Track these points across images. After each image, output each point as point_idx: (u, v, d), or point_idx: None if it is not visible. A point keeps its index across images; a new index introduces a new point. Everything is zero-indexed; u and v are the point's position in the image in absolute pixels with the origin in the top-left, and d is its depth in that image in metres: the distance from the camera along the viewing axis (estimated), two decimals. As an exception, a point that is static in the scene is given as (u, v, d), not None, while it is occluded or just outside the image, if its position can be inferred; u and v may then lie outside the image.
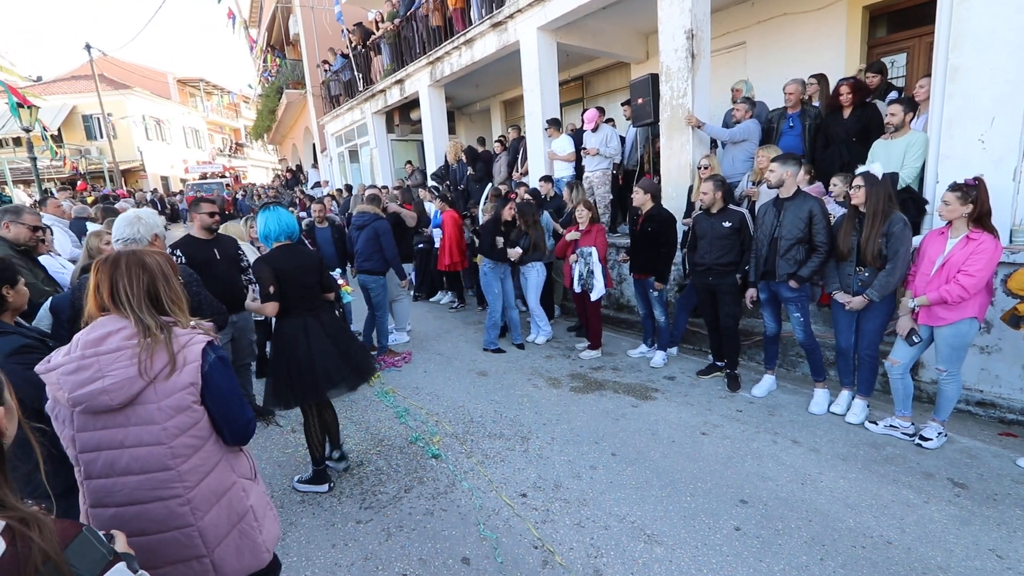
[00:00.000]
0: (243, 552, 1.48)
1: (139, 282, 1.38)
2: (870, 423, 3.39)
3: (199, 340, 1.42)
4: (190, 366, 1.37)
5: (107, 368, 1.30)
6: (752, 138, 5.00)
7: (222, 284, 3.36)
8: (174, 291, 1.45)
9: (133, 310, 1.36)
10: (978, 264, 2.81)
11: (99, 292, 1.38)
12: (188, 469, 1.38)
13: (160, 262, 1.45)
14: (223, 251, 3.59)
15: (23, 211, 3.10)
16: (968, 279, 2.82)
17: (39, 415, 1.38)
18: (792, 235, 3.51)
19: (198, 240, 3.52)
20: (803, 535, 2.45)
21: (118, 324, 1.35)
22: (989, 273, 2.84)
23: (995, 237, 2.86)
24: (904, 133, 3.81)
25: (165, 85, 32.04)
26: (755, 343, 4.60)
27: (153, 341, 1.34)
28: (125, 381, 1.30)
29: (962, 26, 3.36)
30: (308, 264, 2.94)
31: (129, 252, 1.43)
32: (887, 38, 6.44)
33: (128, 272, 1.38)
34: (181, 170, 29.82)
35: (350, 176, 14.62)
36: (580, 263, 4.84)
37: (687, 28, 4.97)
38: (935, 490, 2.74)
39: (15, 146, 22.78)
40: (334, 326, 3.03)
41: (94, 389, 1.28)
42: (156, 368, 1.33)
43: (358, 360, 3.04)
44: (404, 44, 10.22)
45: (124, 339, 1.33)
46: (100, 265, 1.39)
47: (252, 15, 22.52)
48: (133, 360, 1.31)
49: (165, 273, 1.44)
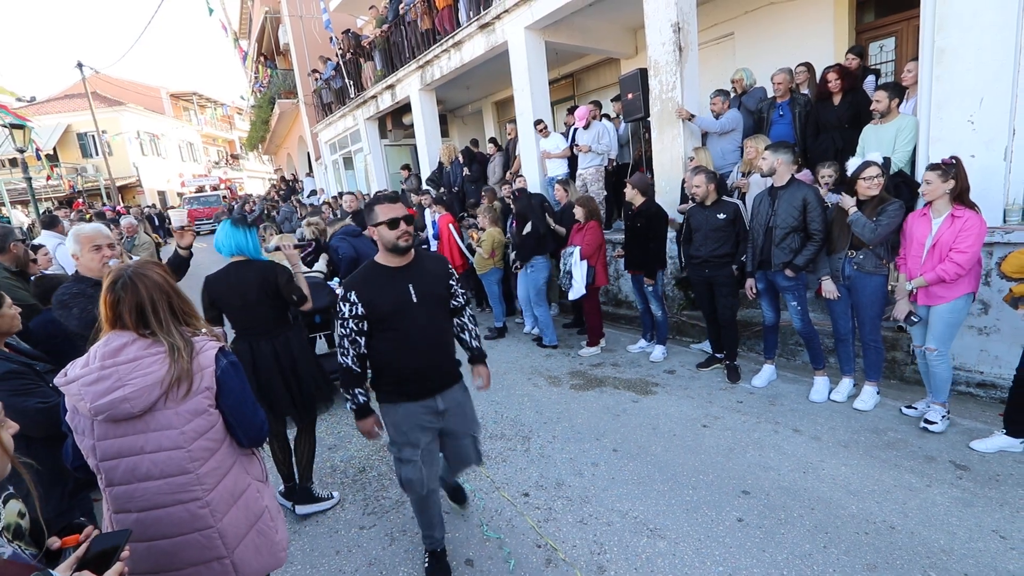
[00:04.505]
0: (261, 551, 1.53)
1: (163, 304, 1.43)
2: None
3: (211, 346, 1.47)
4: (205, 371, 1.42)
5: (126, 377, 1.34)
6: (738, 128, 5.00)
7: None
8: (185, 301, 1.51)
9: (162, 333, 1.40)
10: (968, 240, 2.84)
11: (120, 316, 1.40)
12: (206, 472, 1.42)
13: (163, 275, 1.49)
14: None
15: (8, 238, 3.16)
16: (961, 256, 2.85)
17: (27, 441, 1.39)
18: (787, 224, 3.51)
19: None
20: (806, 523, 2.45)
21: (132, 335, 1.40)
22: (979, 247, 2.88)
23: (977, 212, 2.89)
24: (893, 117, 3.81)
25: (158, 100, 32.12)
26: (754, 333, 4.60)
27: (179, 360, 1.38)
28: (144, 389, 1.34)
29: (946, 8, 3.36)
30: (250, 280, 2.65)
31: (138, 274, 1.43)
32: (875, 23, 6.44)
33: (150, 296, 1.41)
34: (177, 184, 29.87)
35: (345, 183, 14.63)
36: (562, 262, 4.83)
37: (673, 21, 4.97)
38: (937, 473, 2.74)
39: (11, 167, 22.83)
40: (289, 353, 2.76)
41: (115, 398, 1.33)
42: (181, 392, 1.38)
43: (308, 394, 2.80)
44: (393, 49, 10.23)
45: (141, 349, 1.38)
46: (118, 292, 1.40)
47: (242, 26, 22.54)
48: (152, 369, 1.36)
49: (173, 286, 1.49)
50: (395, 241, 2.00)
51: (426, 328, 2.08)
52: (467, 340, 2.38)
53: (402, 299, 2.03)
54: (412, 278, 2.06)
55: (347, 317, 2.03)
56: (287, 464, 2.97)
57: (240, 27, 22.22)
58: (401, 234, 2.00)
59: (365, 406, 2.15)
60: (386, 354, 2.08)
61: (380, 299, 2.01)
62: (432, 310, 2.11)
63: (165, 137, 30.59)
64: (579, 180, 6.42)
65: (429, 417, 2.16)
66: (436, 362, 2.16)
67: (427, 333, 2.09)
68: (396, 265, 2.07)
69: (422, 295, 2.06)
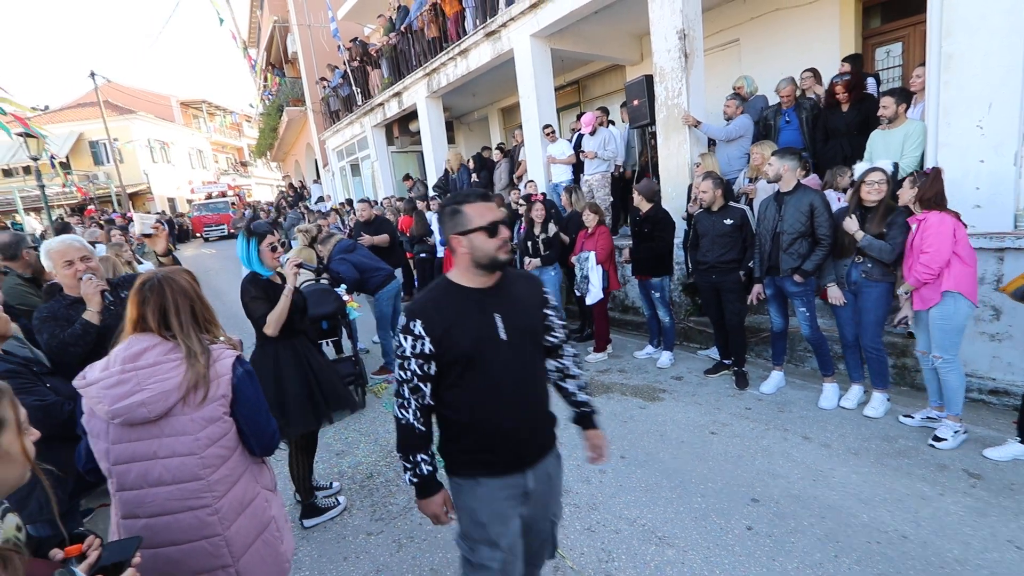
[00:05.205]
0: (266, 561, 1.53)
1: (186, 308, 1.46)
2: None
3: (228, 354, 1.49)
4: (222, 379, 1.44)
5: (145, 382, 1.36)
6: (747, 134, 5.00)
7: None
8: (207, 308, 1.54)
9: (182, 336, 1.43)
10: (929, 239, 2.89)
11: (143, 316, 1.44)
12: (217, 479, 1.43)
13: (191, 281, 1.53)
14: None
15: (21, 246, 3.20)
16: (925, 255, 2.91)
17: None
18: (794, 229, 3.50)
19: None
20: (816, 532, 2.43)
21: (153, 340, 1.43)
22: (944, 245, 2.85)
23: (943, 213, 2.91)
24: (902, 122, 3.80)
25: (168, 108, 32.52)
26: (762, 339, 4.57)
27: (195, 364, 1.40)
28: (162, 394, 1.36)
29: (953, 12, 3.36)
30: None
31: (167, 278, 1.48)
32: (881, 28, 6.43)
33: (175, 299, 1.45)
34: (187, 191, 30.17)
35: (352, 190, 14.74)
36: (577, 267, 4.84)
37: (679, 28, 4.99)
38: (950, 482, 2.71)
39: (25, 175, 23.18)
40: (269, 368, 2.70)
41: (133, 402, 1.35)
42: (198, 397, 1.40)
43: (293, 412, 2.70)
44: (400, 57, 10.33)
45: (161, 354, 1.40)
46: (145, 293, 1.45)
47: (251, 35, 22.86)
48: (171, 375, 1.38)
49: (198, 293, 1.53)
50: (494, 254, 1.47)
51: (519, 374, 1.55)
52: (570, 391, 1.75)
53: (487, 334, 1.50)
54: (500, 305, 1.53)
55: (409, 355, 1.48)
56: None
57: (249, 36, 22.54)
58: (502, 244, 1.48)
59: (430, 479, 1.56)
60: (463, 409, 1.53)
61: (458, 333, 1.47)
62: (526, 349, 1.57)
63: (175, 145, 30.96)
64: (585, 186, 6.43)
65: (513, 501, 1.57)
66: (532, 422, 1.60)
67: (521, 381, 1.55)
68: (480, 286, 1.53)
69: (513, 329, 1.52)
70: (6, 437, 0.91)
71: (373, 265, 4.92)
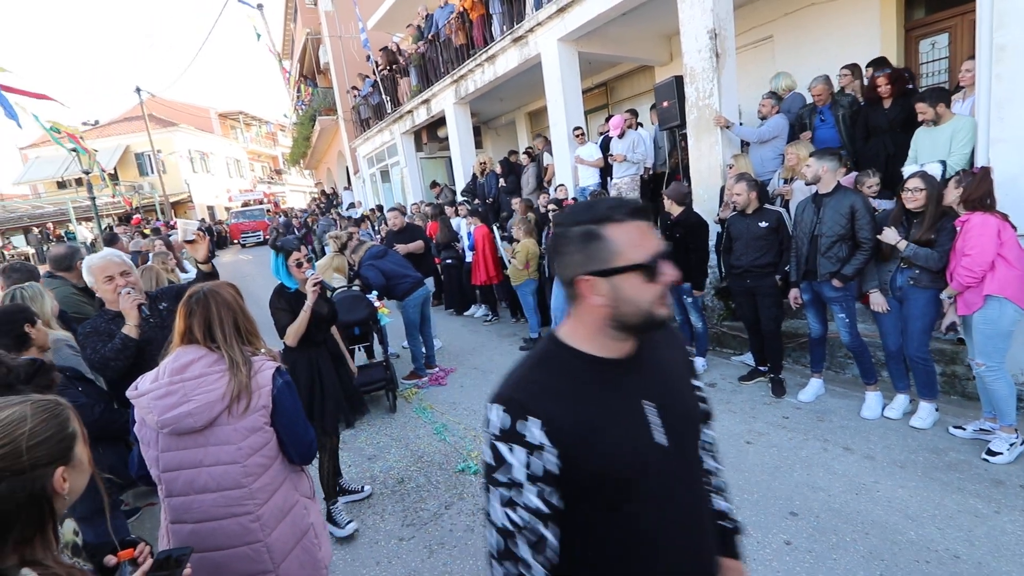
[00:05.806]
0: (305, 567, 1.58)
1: (229, 321, 1.53)
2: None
3: (269, 366, 1.55)
4: (263, 390, 1.50)
5: (191, 393, 1.43)
6: (781, 135, 4.86)
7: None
8: (249, 321, 1.60)
9: (225, 347, 1.50)
10: (971, 241, 2.78)
11: (190, 328, 1.52)
12: (259, 487, 1.48)
13: (234, 295, 1.60)
14: None
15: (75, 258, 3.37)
16: (967, 258, 2.79)
17: None
18: (833, 232, 3.38)
19: None
20: (859, 549, 2.33)
21: (199, 352, 1.49)
22: (987, 247, 2.73)
23: (987, 214, 2.78)
24: (948, 119, 3.62)
25: (208, 120, 33.86)
26: (799, 345, 4.43)
27: (238, 375, 1.46)
28: (207, 405, 1.42)
29: (1005, 2, 3.18)
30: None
31: (212, 291, 1.56)
32: (925, 19, 6.14)
33: (219, 312, 1.53)
34: (225, 199, 31.37)
35: (382, 196, 15.01)
36: None
37: (709, 28, 4.89)
38: (1006, 498, 2.55)
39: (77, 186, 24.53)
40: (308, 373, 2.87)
41: (180, 412, 1.41)
42: (241, 407, 1.46)
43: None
44: (429, 65, 10.48)
45: (206, 366, 1.47)
46: (191, 306, 1.53)
47: (285, 48, 23.61)
48: (215, 386, 1.44)
49: (241, 306, 1.60)
50: (651, 309, 0.86)
51: (690, 504, 0.95)
52: (719, 508, 1.13)
53: (642, 438, 0.88)
54: (649, 387, 0.92)
55: (521, 481, 0.83)
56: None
57: (283, 48, 23.28)
58: (663, 292, 0.87)
59: None
60: (611, 564, 0.89)
61: (603, 438, 0.85)
62: (691, 458, 0.99)
63: (214, 155, 32.20)
64: (614, 189, 6.37)
65: None
66: (706, 568, 0.98)
67: (693, 515, 0.96)
68: (616, 356, 0.91)
69: (672, 427, 0.91)
70: (78, 447, 0.96)
71: (401, 272, 5.00)
